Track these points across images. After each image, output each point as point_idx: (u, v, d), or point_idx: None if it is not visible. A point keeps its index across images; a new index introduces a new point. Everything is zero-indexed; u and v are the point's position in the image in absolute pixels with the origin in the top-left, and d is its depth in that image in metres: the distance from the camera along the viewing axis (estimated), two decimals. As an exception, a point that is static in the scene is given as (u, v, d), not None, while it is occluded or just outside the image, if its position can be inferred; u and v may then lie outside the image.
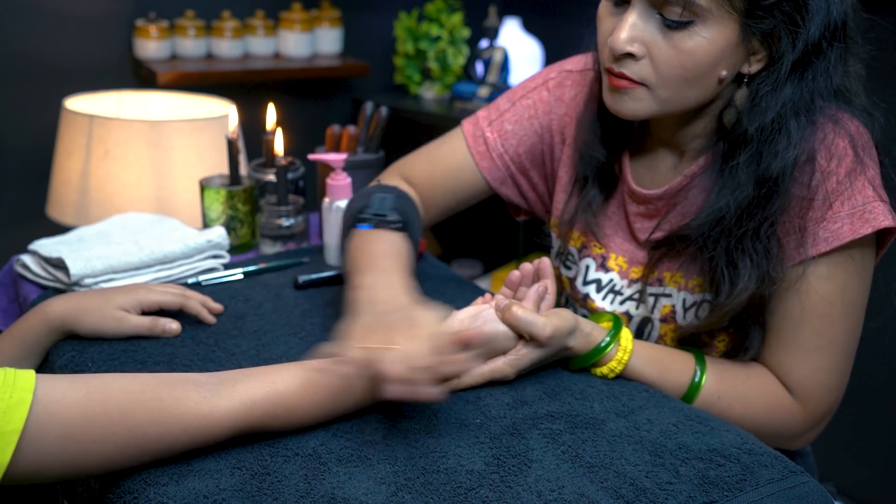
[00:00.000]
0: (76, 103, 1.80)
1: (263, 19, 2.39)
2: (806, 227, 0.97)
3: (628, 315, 1.11)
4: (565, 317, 0.95)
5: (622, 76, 0.96)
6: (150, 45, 2.24)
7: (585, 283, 1.15)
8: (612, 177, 1.12)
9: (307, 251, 1.34)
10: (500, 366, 0.94)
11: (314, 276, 1.21)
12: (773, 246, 0.97)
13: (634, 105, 0.98)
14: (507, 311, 0.94)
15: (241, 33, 2.35)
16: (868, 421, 2.00)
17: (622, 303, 1.12)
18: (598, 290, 1.14)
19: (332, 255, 1.28)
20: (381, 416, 0.88)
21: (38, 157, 2.12)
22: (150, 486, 0.75)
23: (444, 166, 1.22)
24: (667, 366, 1.01)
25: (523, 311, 0.93)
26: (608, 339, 0.97)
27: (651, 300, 1.09)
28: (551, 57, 2.62)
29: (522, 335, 0.94)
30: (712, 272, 1.01)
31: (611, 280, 1.13)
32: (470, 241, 2.65)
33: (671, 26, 0.92)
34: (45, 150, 2.04)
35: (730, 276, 0.99)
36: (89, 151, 1.66)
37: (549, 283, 1.01)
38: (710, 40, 0.92)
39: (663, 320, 1.09)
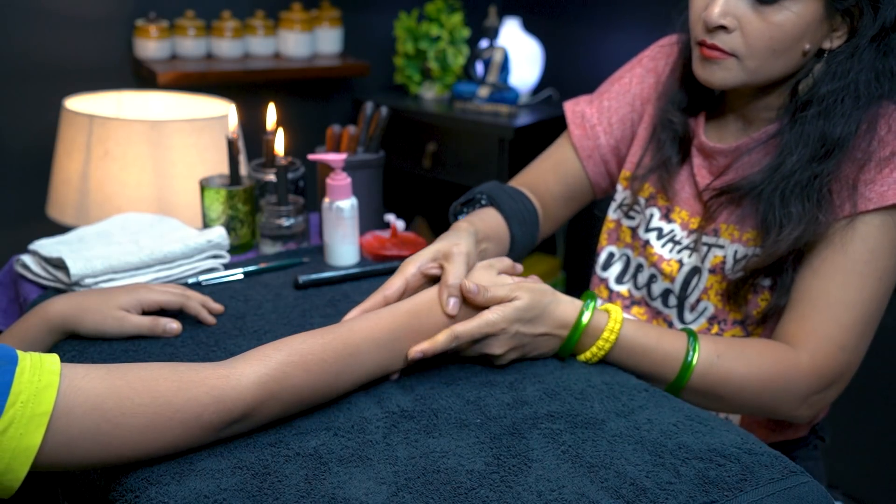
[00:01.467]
0: (76, 103, 1.80)
1: (263, 19, 2.39)
2: (856, 186, 1.03)
3: (681, 262, 1.18)
4: (533, 278, 1.03)
5: (714, 47, 1.06)
6: (150, 45, 2.24)
7: (648, 230, 1.23)
8: (688, 140, 1.20)
9: (307, 251, 1.34)
10: (490, 317, 0.96)
11: (314, 276, 1.21)
12: (825, 196, 1.03)
13: (724, 74, 1.07)
14: (482, 295, 0.96)
15: (241, 33, 2.35)
16: (876, 424, 1.99)
17: (679, 251, 1.19)
18: (659, 237, 1.22)
19: (332, 255, 1.29)
20: (381, 416, 0.88)
21: (38, 157, 2.12)
22: (151, 486, 0.75)
23: (551, 155, 1.34)
24: (660, 334, 1.02)
25: (489, 288, 0.97)
26: (589, 301, 1.00)
27: (704, 249, 1.15)
28: (551, 57, 2.63)
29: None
30: (765, 215, 1.07)
31: (672, 230, 1.21)
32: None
33: (763, 0, 1.02)
34: (45, 150, 2.04)
35: (780, 218, 1.05)
36: (89, 151, 1.66)
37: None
38: (798, 15, 1.01)
39: (712, 271, 1.14)
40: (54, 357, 0.74)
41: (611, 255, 1.30)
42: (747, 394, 1.01)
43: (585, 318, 0.99)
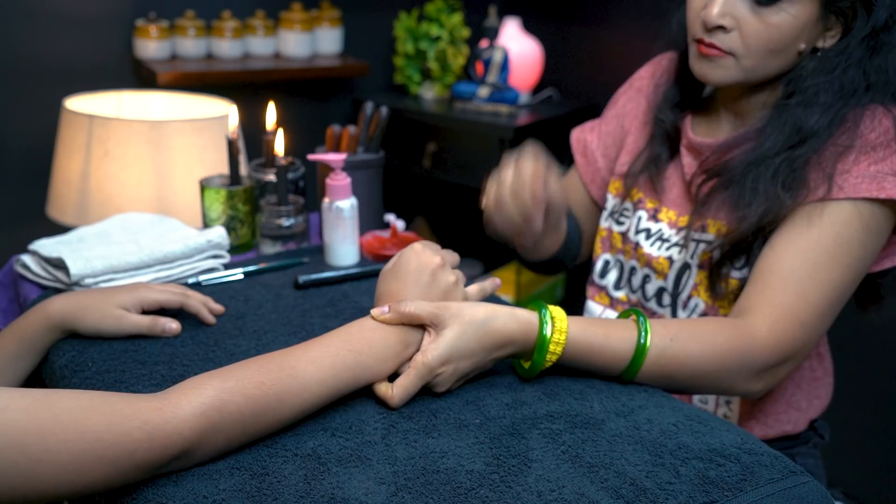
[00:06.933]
0: (76, 103, 1.80)
1: (263, 19, 2.39)
2: (833, 174, 1.05)
3: (670, 259, 1.19)
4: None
5: (712, 46, 1.08)
6: (150, 45, 2.24)
7: (637, 231, 1.25)
8: (677, 137, 1.23)
9: (307, 251, 1.34)
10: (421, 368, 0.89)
11: (314, 276, 1.21)
12: (798, 179, 1.05)
13: (721, 72, 1.10)
14: (403, 310, 0.90)
15: (241, 33, 2.35)
16: (875, 424, 1.99)
17: (668, 248, 1.20)
18: (648, 237, 1.24)
19: (332, 255, 1.28)
20: (380, 416, 0.88)
21: (38, 157, 2.12)
22: (148, 487, 0.75)
23: (563, 183, 1.30)
24: (608, 326, 0.96)
25: (409, 306, 0.90)
26: (544, 311, 0.92)
27: (693, 245, 1.17)
28: (551, 57, 2.62)
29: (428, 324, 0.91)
30: (737, 196, 1.09)
31: (660, 229, 1.23)
32: (470, 241, 2.65)
33: (761, 2, 1.05)
34: (45, 150, 2.04)
35: (749, 197, 1.07)
36: (89, 151, 1.66)
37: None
38: (794, 16, 1.04)
39: (700, 266, 1.16)
40: None
41: (606, 263, 1.31)
42: (704, 372, 0.98)
43: (548, 332, 0.91)
